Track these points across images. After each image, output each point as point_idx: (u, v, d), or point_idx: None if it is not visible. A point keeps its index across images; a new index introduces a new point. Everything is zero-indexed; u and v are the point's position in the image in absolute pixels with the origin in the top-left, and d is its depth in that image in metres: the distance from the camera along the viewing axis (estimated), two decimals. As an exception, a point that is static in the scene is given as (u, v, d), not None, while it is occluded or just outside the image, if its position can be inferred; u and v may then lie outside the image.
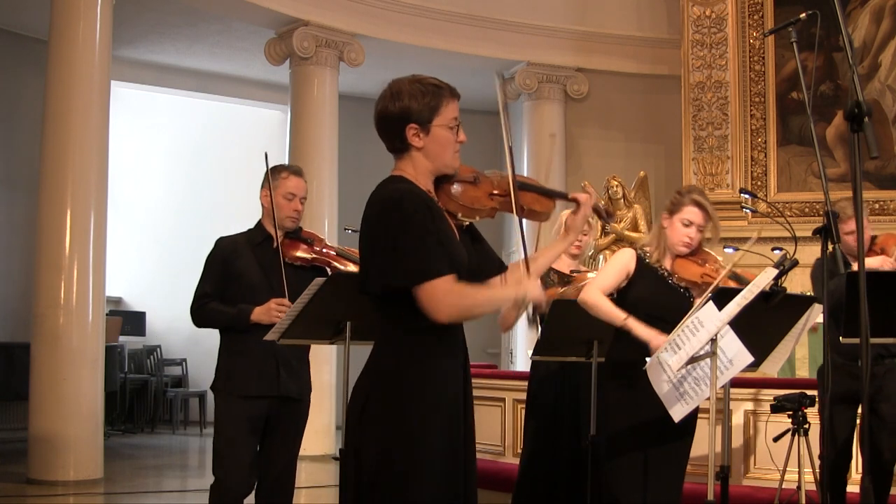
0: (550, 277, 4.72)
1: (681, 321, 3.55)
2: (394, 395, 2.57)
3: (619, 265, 3.92)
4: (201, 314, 4.13)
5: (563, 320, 4.39)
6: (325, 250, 4.21)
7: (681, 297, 3.88)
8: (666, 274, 3.91)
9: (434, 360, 2.61)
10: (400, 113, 2.63)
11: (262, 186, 4.20)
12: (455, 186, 2.74)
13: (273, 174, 4.19)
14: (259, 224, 4.24)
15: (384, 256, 2.56)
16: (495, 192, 2.77)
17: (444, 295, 2.52)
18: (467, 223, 2.77)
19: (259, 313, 4.00)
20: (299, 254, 4.15)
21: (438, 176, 2.73)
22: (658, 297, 3.85)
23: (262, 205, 4.22)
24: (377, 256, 2.59)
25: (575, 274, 4.74)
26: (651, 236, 4.08)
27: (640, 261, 3.91)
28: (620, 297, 3.89)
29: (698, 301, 3.75)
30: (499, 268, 2.86)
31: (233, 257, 4.12)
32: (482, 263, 2.80)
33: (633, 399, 3.74)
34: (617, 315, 3.77)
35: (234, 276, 4.10)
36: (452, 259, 2.58)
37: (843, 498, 4.99)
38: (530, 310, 2.73)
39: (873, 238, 4.92)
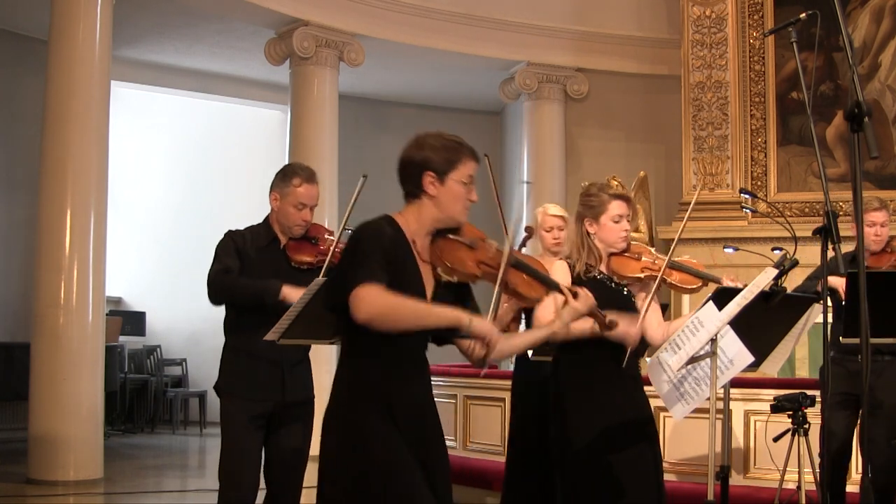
0: None
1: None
2: (343, 409, 2.78)
3: (564, 280, 3.61)
4: (223, 283, 3.92)
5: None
6: (329, 246, 4.12)
7: (625, 299, 3.79)
8: (605, 277, 3.81)
9: (379, 389, 2.76)
10: (421, 161, 2.82)
11: (273, 188, 4.09)
12: (449, 242, 2.84)
13: (284, 180, 4.06)
14: (266, 222, 4.14)
15: (334, 279, 2.84)
16: (485, 261, 2.83)
17: (364, 296, 2.63)
18: (445, 279, 2.84)
19: (291, 291, 3.82)
20: (304, 258, 4.08)
21: (442, 228, 2.86)
22: (604, 303, 3.63)
23: (272, 207, 4.12)
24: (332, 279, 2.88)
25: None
26: (572, 245, 3.88)
27: (572, 270, 3.76)
28: None
29: (647, 296, 3.74)
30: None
31: (242, 253, 4.03)
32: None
33: (593, 396, 3.68)
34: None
35: (243, 273, 4.03)
36: (394, 281, 2.70)
37: (842, 498, 4.99)
38: (481, 351, 2.78)
39: (890, 239, 4.86)
